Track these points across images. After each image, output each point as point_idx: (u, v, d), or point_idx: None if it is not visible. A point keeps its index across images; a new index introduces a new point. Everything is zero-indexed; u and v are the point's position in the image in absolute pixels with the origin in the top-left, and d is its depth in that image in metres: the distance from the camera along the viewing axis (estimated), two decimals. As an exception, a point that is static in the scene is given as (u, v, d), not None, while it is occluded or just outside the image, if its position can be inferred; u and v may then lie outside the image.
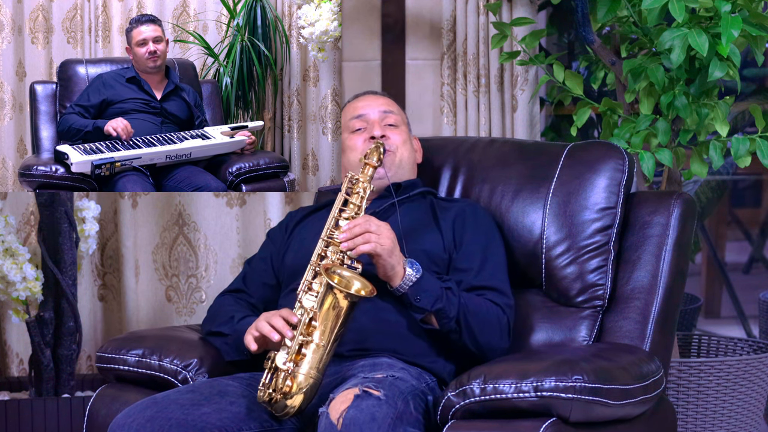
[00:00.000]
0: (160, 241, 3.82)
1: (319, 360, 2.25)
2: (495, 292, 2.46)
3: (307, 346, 2.27)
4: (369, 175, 2.44)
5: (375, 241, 2.32)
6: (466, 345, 2.39)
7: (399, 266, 2.35)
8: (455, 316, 2.36)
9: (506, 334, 2.43)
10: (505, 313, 2.44)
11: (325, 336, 2.26)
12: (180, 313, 3.82)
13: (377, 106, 2.68)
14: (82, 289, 3.75)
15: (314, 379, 2.25)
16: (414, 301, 2.35)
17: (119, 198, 3.76)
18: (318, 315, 2.27)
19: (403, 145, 2.65)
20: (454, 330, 2.37)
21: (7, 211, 3.59)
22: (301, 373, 2.24)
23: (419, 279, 2.35)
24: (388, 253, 2.33)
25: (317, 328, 2.26)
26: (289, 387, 2.24)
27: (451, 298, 2.37)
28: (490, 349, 2.40)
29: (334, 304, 2.27)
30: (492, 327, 2.40)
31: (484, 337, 2.39)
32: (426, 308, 2.35)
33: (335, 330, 2.27)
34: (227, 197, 3.80)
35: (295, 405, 2.24)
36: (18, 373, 3.75)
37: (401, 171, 2.64)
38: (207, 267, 3.81)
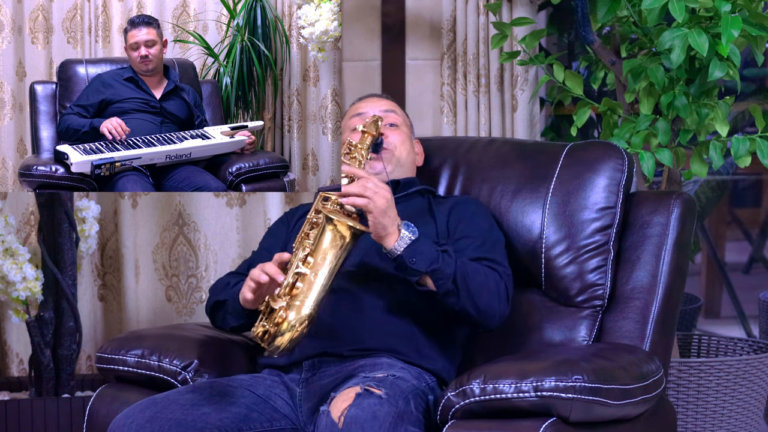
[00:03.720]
0: (160, 241, 3.82)
1: (315, 293, 2.22)
2: (492, 262, 2.44)
3: (302, 279, 2.24)
4: (367, 144, 2.43)
5: (370, 197, 2.29)
6: (466, 308, 2.35)
7: (393, 227, 2.31)
8: (452, 275, 2.33)
9: (505, 300, 2.40)
10: (503, 279, 2.41)
11: (321, 269, 2.22)
12: (180, 313, 3.82)
13: (378, 106, 2.69)
14: (82, 289, 3.75)
15: (309, 310, 2.21)
16: (409, 263, 2.31)
17: (119, 198, 3.76)
18: (316, 250, 2.24)
19: (402, 144, 2.64)
20: (451, 291, 2.34)
21: (7, 211, 3.59)
22: (295, 306, 2.21)
23: (415, 241, 2.32)
24: (381, 213, 2.29)
25: (314, 262, 2.23)
26: (282, 318, 2.21)
27: (447, 259, 2.34)
28: (491, 313, 2.37)
29: (332, 238, 2.23)
30: (490, 290, 2.37)
31: (483, 299, 2.36)
32: (421, 270, 2.31)
33: (333, 263, 2.23)
34: (227, 197, 3.80)
35: (284, 342, 2.21)
36: (18, 373, 3.75)
37: (399, 169, 2.64)
38: (207, 267, 3.80)
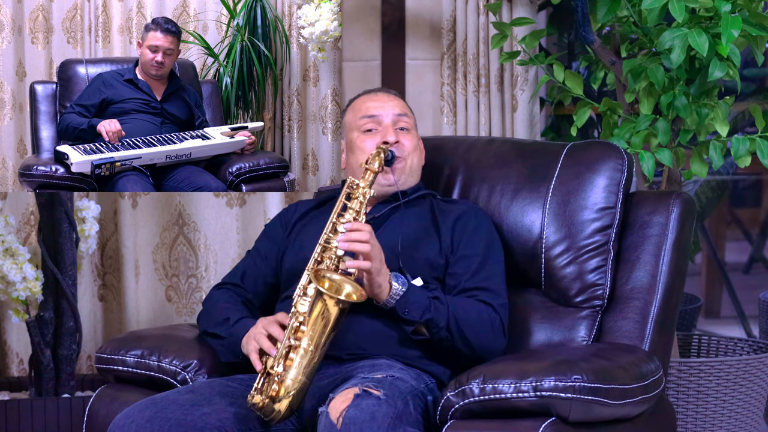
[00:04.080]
0: (160, 241, 3.82)
1: (307, 365, 2.25)
2: (487, 292, 2.45)
3: (295, 350, 2.26)
4: (369, 181, 2.42)
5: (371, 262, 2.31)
6: (461, 350, 2.39)
7: (386, 283, 2.35)
8: (445, 324, 2.36)
9: (500, 334, 2.42)
10: (497, 313, 2.42)
11: (313, 341, 2.26)
12: (180, 313, 3.82)
13: (391, 108, 2.61)
14: (82, 289, 3.75)
15: (301, 384, 2.24)
16: (402, 314, 2.35)
17: (119, 198, 3.76)
18: (307, 320, 2.27)
19: (414, 151, 2.61)
20: (446, 338, 2.37)
21: (7, 211, 3.59)
22: (289, 378, 2.24)
23: (405, 292, 2.36)
24: (377, 272, 2.33)
25: (306, 333, 2.26)
26: (275, 391, 2.24)
27: (439, 307, 2.37)
28: (486, 351, 2.39)
29: (323, 309, 2.26)
30: (484, 329, 2.39)
31: (477, 340, 2.38)
32: (415, 320, 2.35)
33: (324, 335, 2.26)
34: (227, 197, 3.80)
35: (282, 410, 2.24)
36: (18, 373, 3.75)
37: (410, 179, 2.62)
38: (207, 267, 3.80)
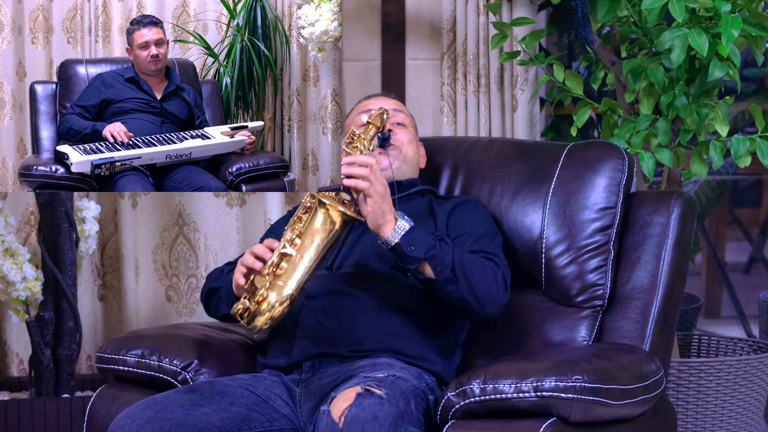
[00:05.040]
0: (160, 241, 3.82)
1: (299, 274, 2.21)
2: (488, 254, 2.44)
3: (287, 259, 2.23)
4: (371, 135, 2.42)
5: (372, 181, 2.29)
6: (465, 297, 2.35)
7: (390, 215, 2.32)
8: (450, 263, 2.33)
9: (503, 287, 2.40)
10: (500, 268, 2.41)
11: (309, 252, 2.21)
12: (180, 313, 3.82)
13: (386, 104, 2.67)
14: (82, 289, 3.75)
15: (290, 290, 2.20)
16: (407, 251, 2.31)
17: (119, 198, 3.76)
18: (305, 233, 2.24)
19: (409, 143, 2.65)
20: (450, 279, 2.33)
21: (7, 211, 3.59)
22: (277, 285, 2.21)
23: (411, 229, 2.32)
24: (380, 197, 2.30)
25: (302, 243, 2.22)
26: (262, 297, 2.20)
27: (444, 246, 2.34)
28: (490, 300, 2.37)
29: (322, 221, 2.23)
30: (488, 278, 2.37)
31: (481, 286, 2.36)
32: (419, 257, 2.31)
33: (320, 246, 2.23)
34: (227, 197, 3.80)
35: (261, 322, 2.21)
36: (18, 373, 3.75)
37: (404, 167, 2.63)
38: (207, 267, 3.80)
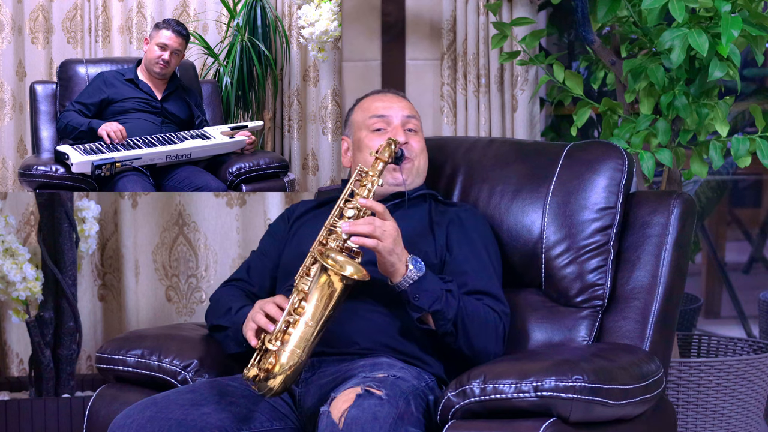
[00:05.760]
0: (160, 241, 3.82)
1: (306, 339, 2.23)
2: (492, 298, 2.45)
3: (294, 325, 2.25)
4: (379, 170, 2.42)
5: (378, 237, 2.30)
6: (461, 348, 2.38)
7: (400, 264, 2.33)
8: (453, 318, 2.35)
9: (501, 341, 2.42)
10: (501, 321, 2.43)
11: (314, 317, 2.24)
12: (180, 313, 3.82)
13: (400, 110, 2.63)
14: (82, 289, 3.75)
15: (298, 358, 2.22)
16: (412, 299, 2.33)
17: (119, 198, 3.76)
18: (309, 296, 2.26)
19: (422, 153, 2.63)
20: (450, 333, 2.36)
21: (7, 211, 3.59)
22: (286, 351, 2.22)
23: (421, 278, 2.33)
24: (389, 252, 2.31)
25: (306, 308, 2.25)
26: (271, 365, 2.22)
27: (450, 300, 2.35)
28: (485, 355, 2.39)
29: (326, 285, 2.25)
30: (488, 333, 2.39)
31: (479, 342, 2.38)
32: (424, 308, 2.33)
33: (325, 311, 2.24)
34: (227, 197, 3.80)
35: (275, 386, 2.22)
36: (18, 373, 3.75)
37: (417, 179, 2.62)
38: (207, 267, 3.80)
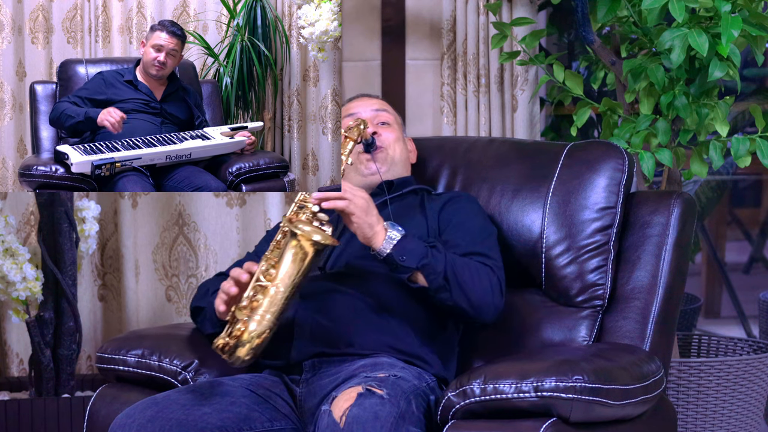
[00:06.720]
0: (160, 241, 3.82)
1: (275, 304, 2.22)
2: (483, 256, 2.42)
3: (264, 291, 2.24)
4: (348, 149, 2.43)
5: (349, 198, 2.28)
6: (459, 304, 2.35)
7: (378, 226, 2.31)
8: (443, 271, 2.32)
9: (498, 292, 2.39)
10: (495, 272, 2.39)
11: (284, 281, 2.23)
12: (180, 313, 3.82)
13: (369, 105, 2.70)
14: (82, 289, 3.75)
15: (268, 322, 2.21)
16: (399, 261, 2.31)
17: (119, 198, 3.76)
18: (279, 263, 2.25)
19: (395, 142, 2.65)
20: (443, 287, 2.33)
21: (7, 211, 3.59)
22: (255, 318, 2.22)
23: (402, 238, 2.32)
24: (363, 212, 2.29)
25: (275, 274, 2.23)
26: (240, 331, 2.21)
27: (436, 255, 2.33)
28: (485, 307, 2.36)
29: (294, 252, 2.24)
30: (482, 283, 2.36)
31: (476, 292, 2.35)
32: (412, 266, 2.31)
33: (294, 277, 2.23)
34: (227, 197, 3.80)
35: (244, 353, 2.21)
36: (18, 373, 3.74)
37: (394, 168, 2.64)
38: (207, 267, 3.80)
